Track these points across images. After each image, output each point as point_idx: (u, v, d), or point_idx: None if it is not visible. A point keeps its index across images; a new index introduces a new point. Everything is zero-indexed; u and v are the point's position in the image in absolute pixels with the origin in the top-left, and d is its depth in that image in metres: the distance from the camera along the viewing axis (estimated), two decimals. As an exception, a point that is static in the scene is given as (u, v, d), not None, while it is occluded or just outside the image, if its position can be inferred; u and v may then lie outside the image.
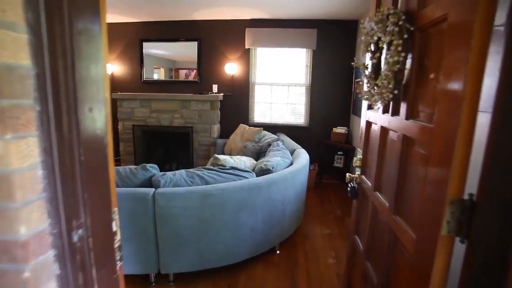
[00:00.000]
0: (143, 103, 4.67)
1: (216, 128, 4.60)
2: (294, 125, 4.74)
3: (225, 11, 4.19)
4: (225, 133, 4.72)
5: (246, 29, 4.50)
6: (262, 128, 4.04)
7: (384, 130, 1.29)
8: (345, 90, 4.51)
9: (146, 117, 4.70)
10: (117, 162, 5.12)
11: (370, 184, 1.46)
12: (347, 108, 4.55)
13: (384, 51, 1.15)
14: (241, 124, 4.38)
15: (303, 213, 3.14)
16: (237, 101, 4.74)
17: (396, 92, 1.06)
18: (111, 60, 4.93)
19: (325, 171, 4.66)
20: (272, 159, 2.74)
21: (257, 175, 2.50)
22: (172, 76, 4.81)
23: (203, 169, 2.37)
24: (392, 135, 1.20)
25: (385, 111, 1.27)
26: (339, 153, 4.45)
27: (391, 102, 1.17)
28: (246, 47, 4.55)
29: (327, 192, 4.31)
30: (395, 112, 1.15)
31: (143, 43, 4.76)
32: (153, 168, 2.28)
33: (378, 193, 1.33)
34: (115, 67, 4.95)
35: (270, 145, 3.58)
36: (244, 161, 2.78)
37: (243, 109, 4.76)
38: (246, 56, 4.62)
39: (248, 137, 4.03)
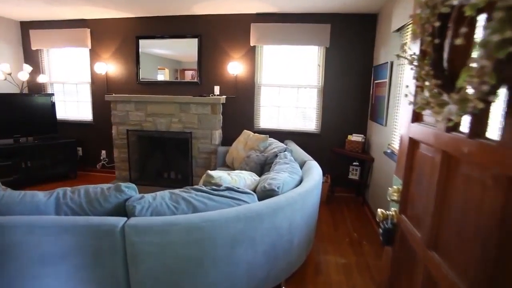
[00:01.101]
0: (139, 105, 4.26)
1: (217, 134, 4.16)
2: (304, 131, 4.26)
3: (228, 5, 3.76)
4: (228, 139, 4.28)
5: (252, 24, 4.05)
6: (268, 135, 3.58)
7: (450, 159, 0.82)
8: (362, 92, 4.01)
9: (141, 121, 4.29)
10: (111, 169, 4.73)
11: (418, 234, 0.98)
12: (364, 113, 4.06)
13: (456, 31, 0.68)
14: (245, 130, 3.93)
15: (314, 236, 2.67)
16: (241, 104, 4.30)
17: (493, 97, 0.59)
18: (105, 59, 4.55)
19: (339, 183, 4.18)
20: (278, 175, 2.28)
21: (260, 197, 2.05)
22: (178, 77, 4.39)
23: (191, 190, 1.93)
24: (469, 169, 0.73)
25: (453, 128, 0.80)
26: (354, 163, 3.95)
27: (469, 116, 0.70)
28: (252, 44, 4.10)
29: (340, 207, 3.82)
30: (479, 132, 0.68)
31: (139, 40, 4.36)
32: (129, 189, 1.84)
33: (436, 255, 0.86)
34: (110, 67, 4.56)
35: (276, 156, 3.12)
36: (244, 178, 2.32)
37: (247, 113, 4.31)
38: (251, 55, 4.17)
39: (252, 146, 3.58)
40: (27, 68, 4.60)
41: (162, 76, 4.46)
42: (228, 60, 4.20)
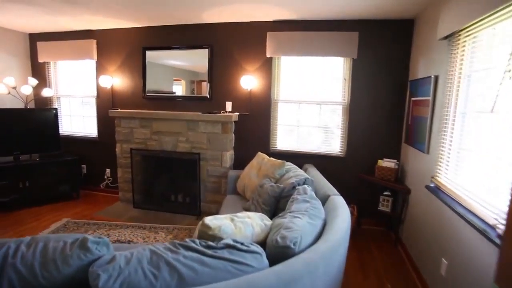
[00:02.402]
0: (143, 122, 3.90)
1: (228, 155, 3.71)
2: (326, 154, 3.74)
3: (241, 11, 3.35)
4: (240, 162, 3.83)
5: (268, 33, 3.62)
6: (284, 162, 3.09)
7: None
8: (396, 111, 3.46)
9: (146, 139, 3.92)
10: (115, 189, 4.39)
11: None
12: (398, 135, 3.49)
13: None
14: (259, 153, 3.45)
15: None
16: (255, 122, 3.84)
17: None
18: (111, 71, 4.25)
19: (366, 214, 3.61)
20: (295, 222, 1.79)
21: (270, 254, 1.56)
22: (194, 88, 3.98)
23: (180, 248, 1.47)
24: None
25: None
26: (385, 193, 3.38)
27: None
28: (268, 55, 3.66)
29: (368, 244, 3.25)
30: None
31: (146, 51, 4.02)
32: (98, 246, 1.41)
33: None
34: (115, 80, 4.25)
35: (294, 187, 2.62)
36: (252, 225, 1.84)
37: (262, 133, 3.85)
38: (267, 67, 3.73)
39: (267, 172, 3.09)
40: (32, 81, 4.37)
41: (179, 87, 4.06)
42: (242, 73, 3.78)
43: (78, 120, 4.73)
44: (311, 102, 3.73)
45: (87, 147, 4.62)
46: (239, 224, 1.78)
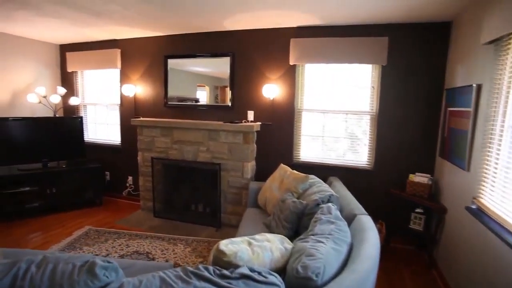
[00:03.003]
0: (164, 131, 3.88)
1: (250, 166, 3.60)
2: (352, 166, 3.53)
3: (264, 18, 3.24)
4: (261, 173, 3.70)
5: (291, 40, 3.49)
6: (308, 176, 2.92)
7: None
8: (429, 121, 3.20)
9: (167, 148, 3.90)
10: (137, 197, 4.39)
11: None
12: (431, 147, 3.23)
13: None
14: (281, 165, 3.31)
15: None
16: (278, 132, 3.70)
17: None
18: (134, 80, 4.29)
19: (396, 232, 3.35)
20: (318, 248, 1.63)
21: (289, 285, 1.42)
22: (218, 94, 3.92)
23: (192, 277, 1.36)
24: None
25: None
26: (417, 210, 3.12)
27: None
28: (291, 63, 3.52)
29: (398, 265, 3.00)
30: None
31: (168, 60, 4.01)
32: (106, 272, 1.33)
33: None
34: (138, 88, 4.28)
35: (318, 205, 2.46)
36: (271, 250, 1.70)
37: (285, 143, 3.70)
38: (290, 75, 3.59)
39: (289, 186, 2.94)
40: (61, 90, 4.50)
41: (203, 93, 4.01)
42: (264, 82, 3.66)
43: (102, 127, 4.82)
44: (336, 111, 3.55)
45: (110, 155, 4.68)
46: (257, 249, 1.65)
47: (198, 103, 4.00)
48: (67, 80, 4.81)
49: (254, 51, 3.68)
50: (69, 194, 4.23)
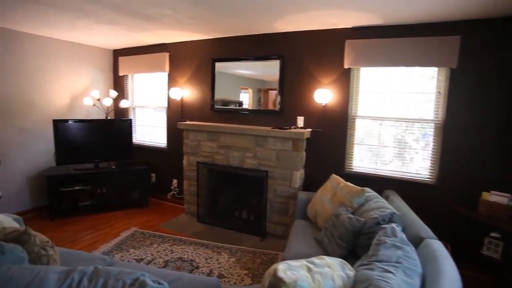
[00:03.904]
0: (211, 136, 3.83)
1: (298, 175, 3.42)
2: (411, 179, 3.20)
3: (317, 18, 3.06)
4: (311, 183, 3.50)
5: (346, 41, 3.26)
6: (365, 189, 2.67)
7: None
8: (508, 132, 2.79)
9: (213, 153, 3.84)
10: (181, 200, 4.40)
11: None
12: (510, 162, 2.81)
13: None
14: (333, 176, 3.08)
15: None
16: (329, 140, 3.48)
17: None
18: (181, 83, 4.31)
19: (464, 256, 2.96)
20: (388, 281, 1.40)
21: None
22: (261, 97, 3.82)
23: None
24: None
25: None
26: (492, 234, 2.73)
27: None
28: (346, 66, 3.29)
29: (470, 297, 2.63)
30: None
31: (216, 63, 3.97)
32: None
33: None
34: (185, 92, 4.29)
35: (378, 224, 2.21)
36: (332, 277, 1.50)
37: (336, 152, 3.46)
38: (344, 79, 3.36)
39: (343, 200, 2.71)
40: (113, 93, 4.66)
41: (246, 96, 3.94)
42: (316, 86, 3.46)
43: (149, 130, 4.92)
44: (394, 118, 3.25)
45: (156, 157, 4.75)
46: (317, 277, 1.47)
47: (246, 108, 3.90)
48: (118, 84, 4.98)
49: (306, 54, 3.50)
50: (117, 194, 4.35)
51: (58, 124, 4.02)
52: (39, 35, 4.02)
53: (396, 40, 3.06)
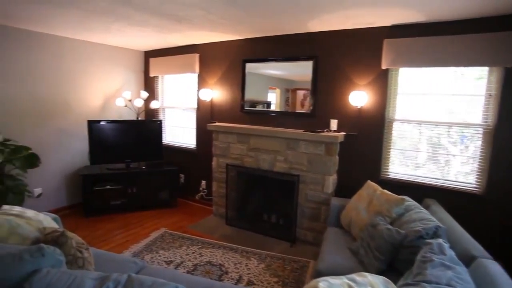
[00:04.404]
0: (241, 138, 3.77)
1: (331, 180, 3.28)
2: (455, 188, 2.97)
3: (354, 17, 2.90)
4: (344, 189, 3.35)
5: (385, 41, 3.08)
6: (404, 198, 2.50)
7: None
8: None
9: (243, 155, 3.78)
10: (209, 202, 4.39)
11: None
12: None
13: None
14: (369, 182, 2.92)
15: None
16: (364, 144, 3.31)
17: None
18: (211, 84, 4.29)
19: (516, 274, 2.70)
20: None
21: None
22: (289, 97, 3.73)
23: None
24: None
25: None
26: (551, 251, 2.47)
27: None
28: (383, 67, 3.11)
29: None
30: None
31: (246, 64, 3.91)
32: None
33: None
34: (215, 93, 4.26)
35: (421, 238, 2.04)
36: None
37: (372, 157, 3.29)
38: (381, 81, 3.18)
39: (380, 209, 2.56)
40: (144, 94, 4.73)
41: (274, 96, 3.86)
42: (351, 88, 3.30)
43: (178, 131, 4.95)
44: (435, 122, 3.03)
45: (185, 158, 4.77)
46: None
47: (276, 110, 3.82)
48: (149, 85, 5.06)
49: (340, 54, 3.35)
50: (147, 194, 4.41)
51: (92, 125, 4.13)
52: (76, 38, 4.15)
53: (440, 38, 2.84)
